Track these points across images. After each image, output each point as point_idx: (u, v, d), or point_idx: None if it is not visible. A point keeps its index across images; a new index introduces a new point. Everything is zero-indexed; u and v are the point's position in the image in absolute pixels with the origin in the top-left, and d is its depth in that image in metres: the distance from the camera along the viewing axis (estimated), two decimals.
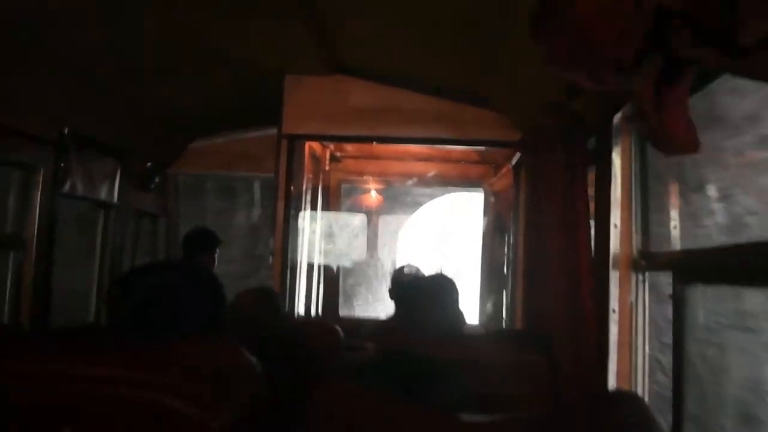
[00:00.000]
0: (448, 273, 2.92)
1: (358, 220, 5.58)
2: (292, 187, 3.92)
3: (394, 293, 3.94)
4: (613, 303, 2.29)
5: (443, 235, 11.18)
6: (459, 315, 2.77)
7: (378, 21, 3.02)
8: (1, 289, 3.09)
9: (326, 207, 5.23)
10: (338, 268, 5.59)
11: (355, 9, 2.94)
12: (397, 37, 3.17)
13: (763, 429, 4.71)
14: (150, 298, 1.44)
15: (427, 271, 4.01)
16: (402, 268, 4.35)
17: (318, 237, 4.93)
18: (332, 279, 5.43)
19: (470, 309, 4.73)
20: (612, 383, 2.27)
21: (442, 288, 2.74)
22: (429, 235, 11.02)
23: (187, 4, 2.70)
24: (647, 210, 2.32)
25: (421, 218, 10.45)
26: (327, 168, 5.17)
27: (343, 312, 5.81)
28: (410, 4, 2.71)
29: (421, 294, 2.73)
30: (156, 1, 2.62)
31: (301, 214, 4.21)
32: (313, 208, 4.77)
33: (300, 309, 4.32)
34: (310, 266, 4.72)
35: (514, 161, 3.96)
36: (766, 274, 1.64)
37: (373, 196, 5.93)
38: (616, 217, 2.32)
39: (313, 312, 4.75)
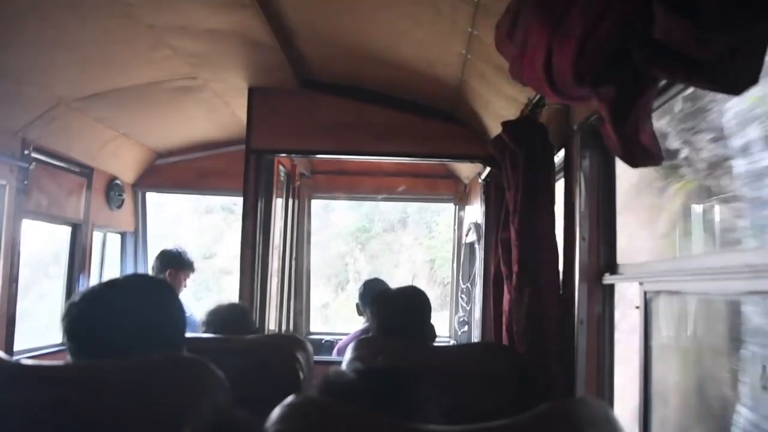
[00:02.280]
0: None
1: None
2: (261, 202, 3.89)
3: (368, 305, 3.90)
4: (581, 314, 2.30)
5: None
6: (432, 326, 2.79)
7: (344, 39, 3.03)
8: None
9: (296, 222, 5.20)
10: (308, 284, 5.57)
11: (323, 25, 2.95)
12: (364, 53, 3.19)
13: None
14: (108, 314, 1.41)
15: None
16: (372, 280, 4.34)
17: (288, 252, 4.89)
18: (301, 294, 5.40)
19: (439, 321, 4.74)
20: (580, 392, 2.28)
21: (418, 298, 2.75)
22: None
23: (153, 24, 2.69)
24: (614, 222, 2.34)
25: None
26: (297, 183, 5.14)
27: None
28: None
29: (404, 303, 2.73)
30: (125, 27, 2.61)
31: (270, 229, 4.17)
32: (284, 223, 4.73)
33: (271, 324, 4.27)
34: (281, 281, 4.68)
35: (483, 175, 3.98)
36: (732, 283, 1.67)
37: None
38: (583, 229, 2.34)
39: (283, 327, 4.72)
